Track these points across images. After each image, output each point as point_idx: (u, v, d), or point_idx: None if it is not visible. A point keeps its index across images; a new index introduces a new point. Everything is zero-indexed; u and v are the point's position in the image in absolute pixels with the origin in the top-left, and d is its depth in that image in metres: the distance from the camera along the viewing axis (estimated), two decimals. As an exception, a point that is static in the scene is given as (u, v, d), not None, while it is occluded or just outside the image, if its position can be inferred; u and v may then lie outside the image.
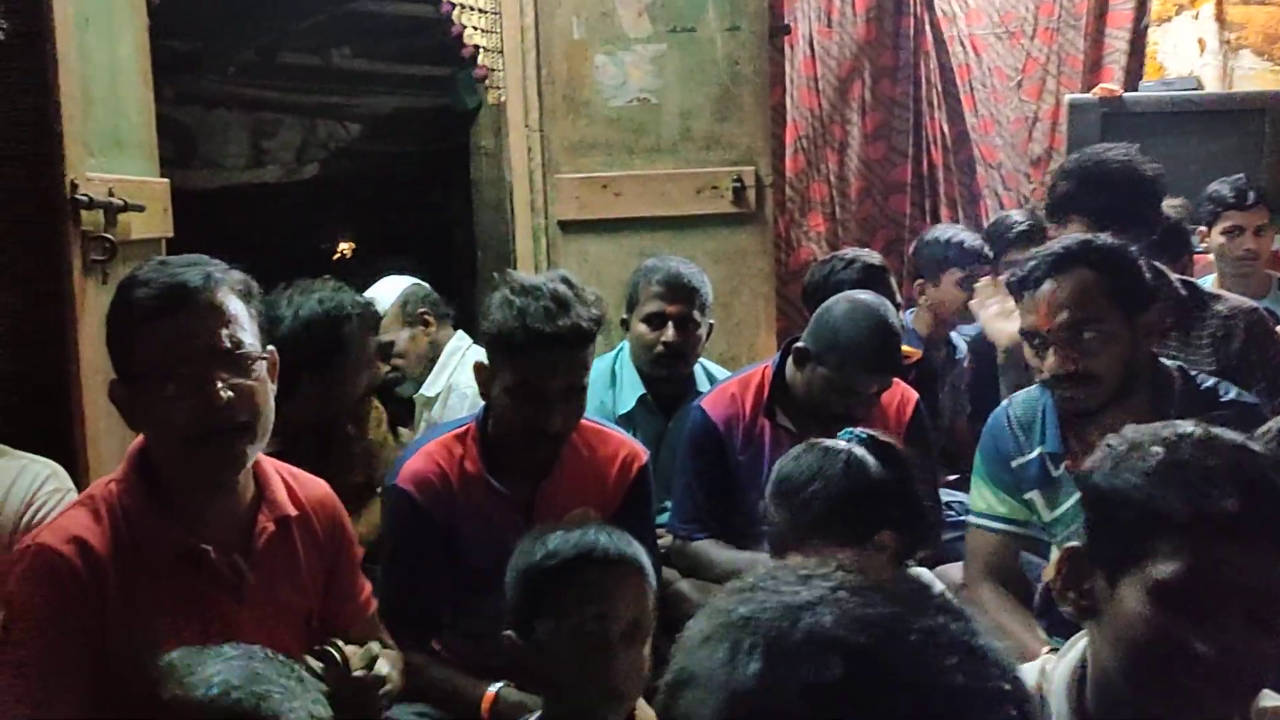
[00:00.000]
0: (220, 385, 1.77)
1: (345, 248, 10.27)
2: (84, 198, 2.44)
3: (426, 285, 4.23)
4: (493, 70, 4.17)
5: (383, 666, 1.93)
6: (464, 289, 7.05)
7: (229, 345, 1.80)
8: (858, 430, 2.10)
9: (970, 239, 3.99)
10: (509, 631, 1.82)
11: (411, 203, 9.23)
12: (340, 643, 1.92)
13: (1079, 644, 1.49)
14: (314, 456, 3.05)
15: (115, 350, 1.85)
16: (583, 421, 2.52)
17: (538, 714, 1.89)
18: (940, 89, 4.95)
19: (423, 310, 4.08)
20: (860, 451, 2.03)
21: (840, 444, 2.05)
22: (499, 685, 2.20)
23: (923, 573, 2.06)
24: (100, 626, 1.77)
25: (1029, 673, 1.50)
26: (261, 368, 1.85)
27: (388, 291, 4.06)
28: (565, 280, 2.37)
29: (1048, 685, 1.49)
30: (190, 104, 7.45)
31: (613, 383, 3.29)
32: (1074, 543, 1.46)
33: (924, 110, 4.91)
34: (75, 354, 2.40)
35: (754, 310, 3.96)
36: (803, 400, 2.84)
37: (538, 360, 2.31)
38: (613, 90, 3.95)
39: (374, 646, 1.98)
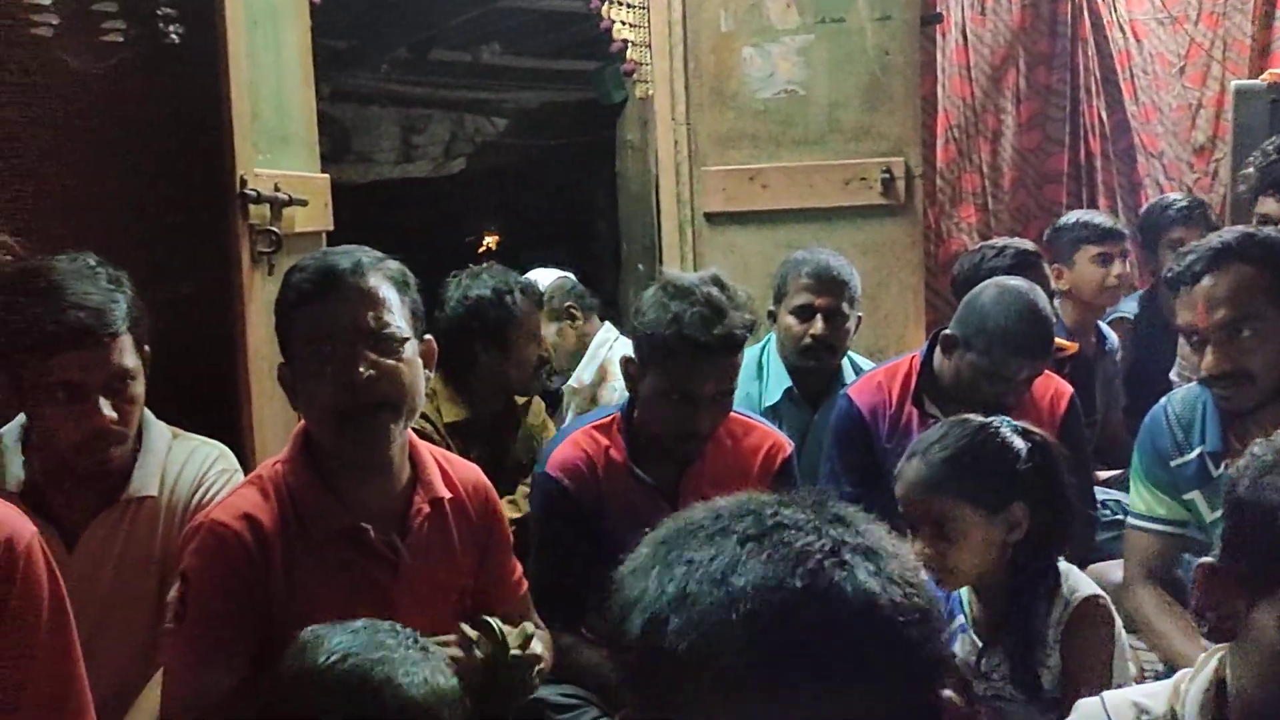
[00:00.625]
0: (364, 364, 1.84)
1: (490, 241, 10.44)
2: (252, 193, 2.54)
3: (573, 278, 4.29)
4: (641, 64, 4.20)
5: (536, 646, 1.97)
6: (608, 281, 7.12)
7: (374, 326, 1.86)
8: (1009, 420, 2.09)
9: (1100, 217, 3.91)
10: None
11: (556, 196, 9.34)
12: (496, 619, 1.97)
13: (1211, 661, 1.39)
14: (497, 432, 3.19)
15: (279, 335, 1.95)
16: (730, 413, 2.53)
17: None
18: (1099, 76, 4.81)
19: (569, 304, 4.14)
20: (1007, 427, 2.04)
21: (989, 419, 2.07)
22: None
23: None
24: (267, 599, 1.85)
25: (1162, 689, 1.44)
26: (410, 350, 1.90)
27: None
28: (718, 282, 2.39)
29: (1180, 706, 1.40)
30: (345, 101, 7.67)
31: (759, 374, 3.28)
32: (1209, 559, 1.34)
33: (1081, 98, 4.77)
34: (243, 342, 2.50)
35: (903, 303, 3.91)
36: (951, 388, 2.81)
37: (691, 367, 2.33)
38: (760, 82, 3.94)
39: (528, 626, 2.03)
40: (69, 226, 2.44)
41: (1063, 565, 2.06)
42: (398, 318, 1.89)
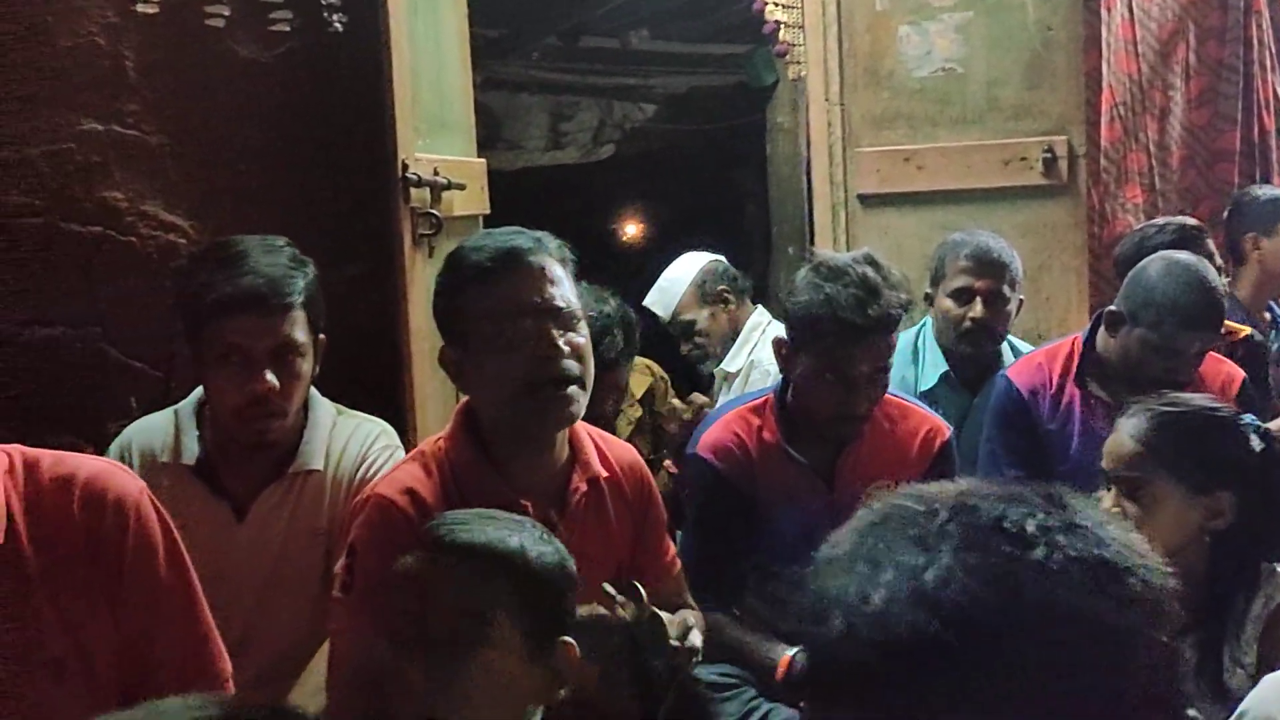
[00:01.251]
0: (559, 338, 1.89)
1: (638, 227, 10.48)
2: (413, 177, 2.59)
3: (725, 261, 4.27)
4: (793, 45, 4.16)
5: (695, 639, 1.97)
6: (758, 266, 7.09)
7: (560, 303, 1.91)
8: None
9: None
10: None
11: (706, 181, 9.32)
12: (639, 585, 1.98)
13: None
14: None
15: (446, 316, 1.98)
16: (886, 395, 2.51)
17: None
18: (1274, 50, 4.59)
19: (722, 288, 4.12)
20: (1248, 419, 1.98)
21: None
22: (796, 649, 2.22)
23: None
24: None
25: None
26: (584, 328, 1.96)
27: (686, 269, 4.13)
28: (872, 261, 2.37)
29: None
30: (496, 89, 7.77)
31: (915, 359, 3.23)
32: None
33: (1254, 73, 4.54)
34: (405, 322, 2.56)
35: (1065, 285, 3.81)
36: (1117, 366, 2.72)
37: (845, 348, 2.32)
38: (916, 61, 3.87)
39: (689, 617, 2.03)
40: (239, 212, 2.53)
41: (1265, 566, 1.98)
42: (574, 296, 1.95)
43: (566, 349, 1.90)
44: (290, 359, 2.13)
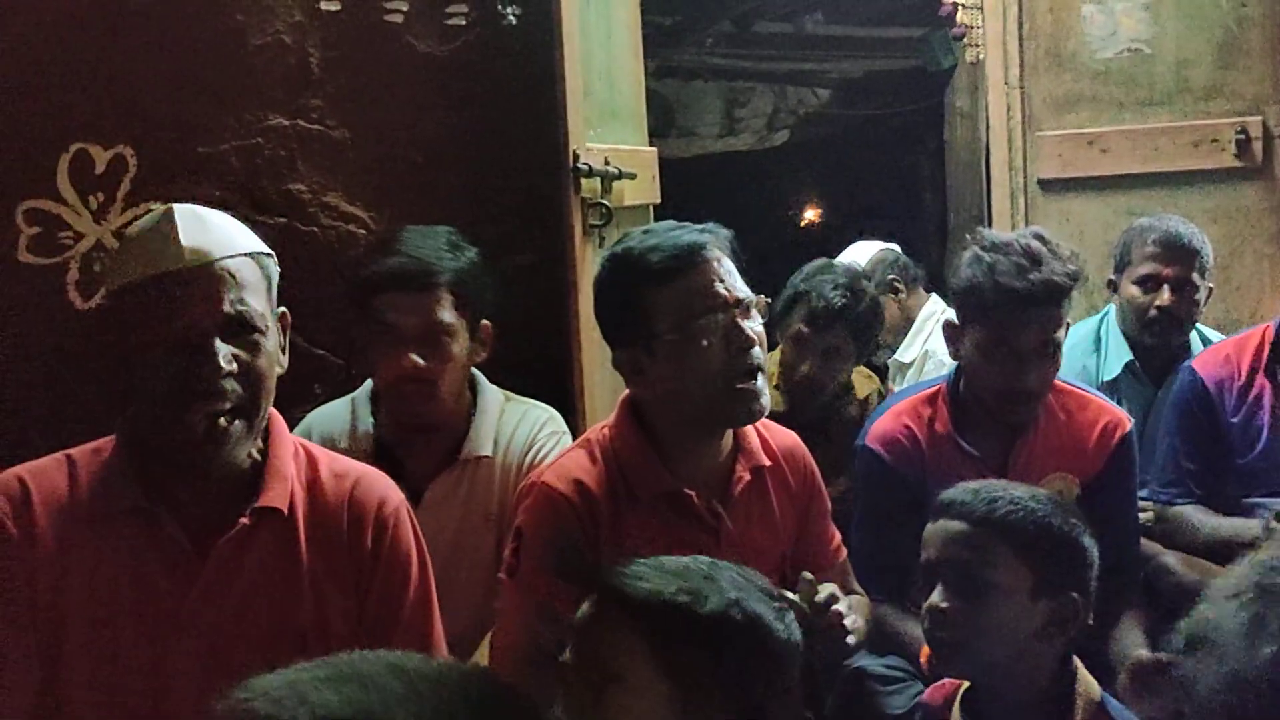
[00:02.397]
0: (748, 330, 1.90)
1: (813, 214, 10.40)
2: (584, 166, 2.62)
3: (897, 249, 4.22)
4: (971, 28, 4.08)
5: (848, 616, 1.94)
6: (934, 253, 6.96)
7: (742, 295, 1.92)
8: None
9: None
10: None
11: (881, 167, 9.19)
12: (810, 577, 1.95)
13: None
14: (816, 429, 3.18)
15: (622, 319, 1.96)
16: (1063, 385, 2.45)
17: None
18: None
19: (892, 276, 4.07)
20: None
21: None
22: None
23: None
24: (595, 557, 1.90)
25: None
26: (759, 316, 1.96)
27: (858, 257, 4.09)
28: (1039, 236, 2.33)
29: None
30: (670, 76, 7.80)
31: (1097, 348, 3.12)
32: None
33: None
34: (576, 311, 2.59)
35: (1258, 273, 3.63)
36: None
37: (1009, 316, 2.27)
38: (1101, 41, 3.73)
39: (833, 588, 1.98)
40: (415, 203, 2.61)
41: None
42: (746, 286, 1.95)
43: (755, 339, 1.90)
44: (438, 338, 2.18)
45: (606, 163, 2.71)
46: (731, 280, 1.92)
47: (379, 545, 1.69)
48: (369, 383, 2.33)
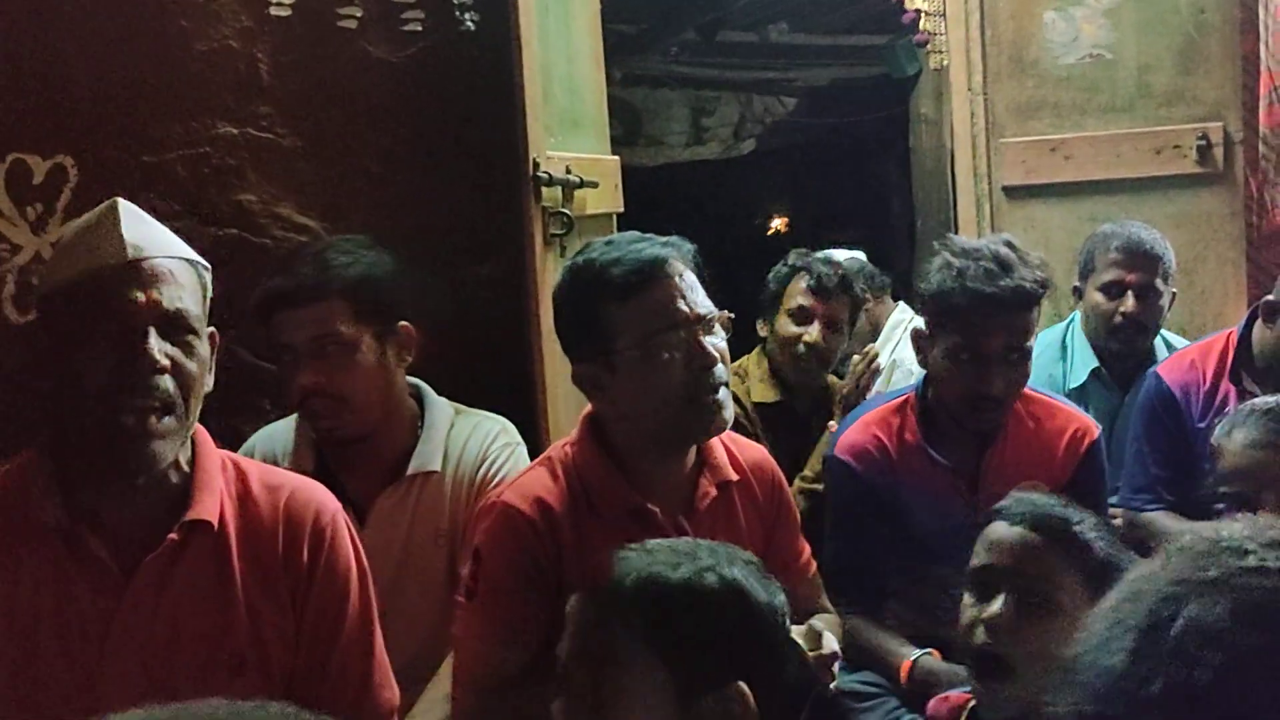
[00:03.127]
0: (709, 346, 1.86)
1: (780, 222, 10.41)
2: (544, 175, 2.57)
3: (862, 257, 4.18)
4: (934, 34, 4.05)
5: (830, 643, 1.91)
6: (903, 260, 6.95)
7: (703, 310, 1.88)
8: None
9: None
10: None
11: (848, 175, 9.21)
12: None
13: None
14: (808, 418, 3.18)
15: (582, 332, 1.92)
16: (1031, 393, 2.44)
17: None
18: None
19: (859, 285, 4.03)
20: None
21: None
22: (920, 653, 2.22)
23: None
24: (557, 578, 1.86)
25: None
26: (721, 331, 1.92)
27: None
28: (1008, 244, 2.33)
29: None
30: (636, 85, 7.79)
31: (1063, 355, 3.12)
32: None
33: None
34: (537, 323, 2.54)
35: (1221, 278, 3.63)
36: (1273, 361, 2.58)
37: (978, 322, 2.26)
38: (1063, 48, 3.73)
39: (815, 623, 1.97)
40: (370, 212, 2.56)
41: None
42: (708, 301, 1.92)
43: (717, 354, 1.87)
44: (334, 351, 2.12)
45: (568, 171, 2.67)
46: (694, 296, 1.88)
47: (315, 557, 1.64)
48: None
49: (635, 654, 1.39)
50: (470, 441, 2.26)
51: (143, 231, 1.54)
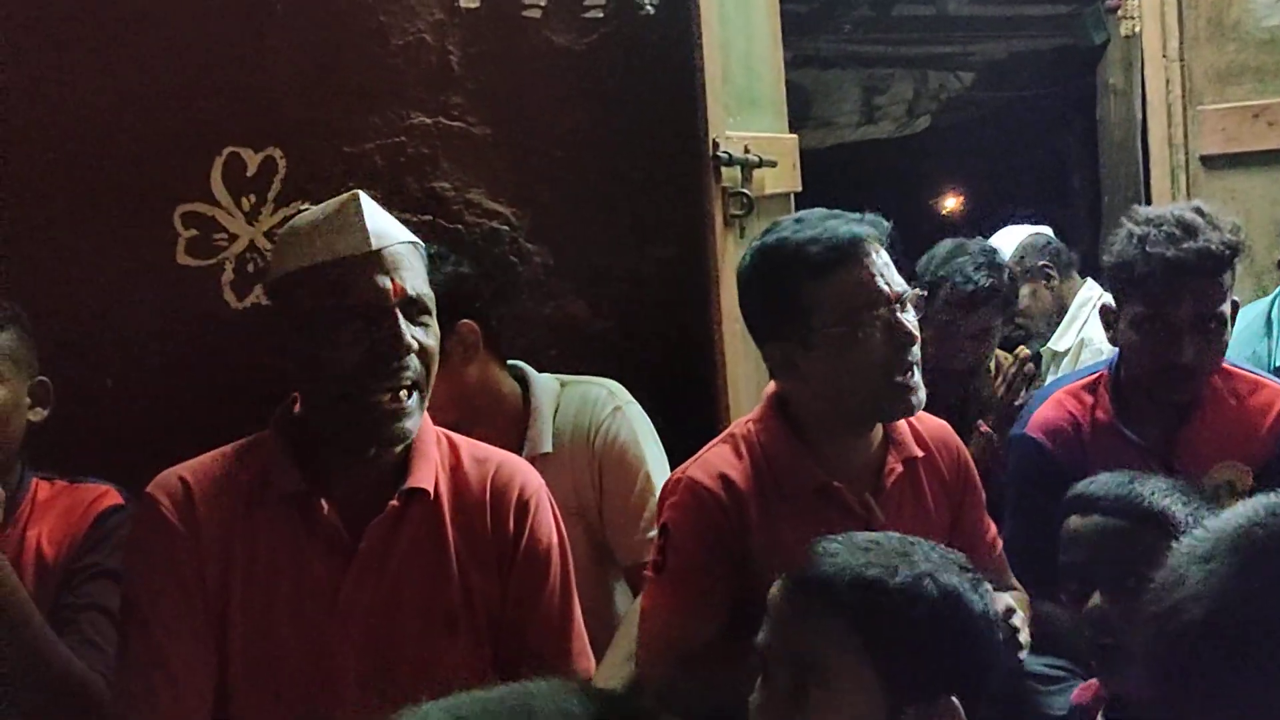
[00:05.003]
0: (908, 324, 1.86)
1: (955, 201, 10.20)
2: (724, 155, 2.58)
3: (1049, 233, 4.08)
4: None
5: (1026, 636, 1.89)
6: (1087, 237, 6.74)
7: (900, 288, 1.88)
8: None
9: None
10: None
11: (1027, 150, 8.96)
12: None
13: None
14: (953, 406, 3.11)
15: (776, 312, 1.92)
16: (1231, 368, 2.35)
17: None
18: None
19: (1044, 262, 3.94)
20: None
21: None
22: None
23: None
24: (742, 553, 1.89)
25: None
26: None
27: (1005, 244, 3.96)
28: (1197, 209, 2.24)
29: None
30: (806, 65, 7.71)
31: (1268, 331, 2.98)
32: None
33: None
34: (718, 303, 2.56)
35: None
36: None
37: (1161, 288, 2.18)
38: (1266, 9, 3.57)
39: (1009, 600, 1.95)
40: (556, 196, 2.60)
41: None
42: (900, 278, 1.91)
43: (916, 334, 1.87)
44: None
45: (746, 151, 2.67)
46: (890, 274, 1.87)
47: (520, 529, 1.71)
48: None
49: (846, 657, 1.35)
50: (579, 415, 2.28)
51: (380, 220, 1.65)
